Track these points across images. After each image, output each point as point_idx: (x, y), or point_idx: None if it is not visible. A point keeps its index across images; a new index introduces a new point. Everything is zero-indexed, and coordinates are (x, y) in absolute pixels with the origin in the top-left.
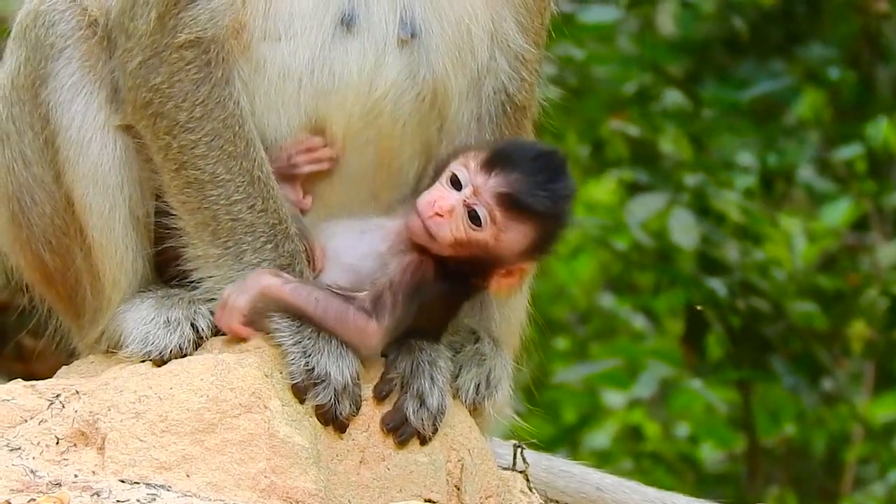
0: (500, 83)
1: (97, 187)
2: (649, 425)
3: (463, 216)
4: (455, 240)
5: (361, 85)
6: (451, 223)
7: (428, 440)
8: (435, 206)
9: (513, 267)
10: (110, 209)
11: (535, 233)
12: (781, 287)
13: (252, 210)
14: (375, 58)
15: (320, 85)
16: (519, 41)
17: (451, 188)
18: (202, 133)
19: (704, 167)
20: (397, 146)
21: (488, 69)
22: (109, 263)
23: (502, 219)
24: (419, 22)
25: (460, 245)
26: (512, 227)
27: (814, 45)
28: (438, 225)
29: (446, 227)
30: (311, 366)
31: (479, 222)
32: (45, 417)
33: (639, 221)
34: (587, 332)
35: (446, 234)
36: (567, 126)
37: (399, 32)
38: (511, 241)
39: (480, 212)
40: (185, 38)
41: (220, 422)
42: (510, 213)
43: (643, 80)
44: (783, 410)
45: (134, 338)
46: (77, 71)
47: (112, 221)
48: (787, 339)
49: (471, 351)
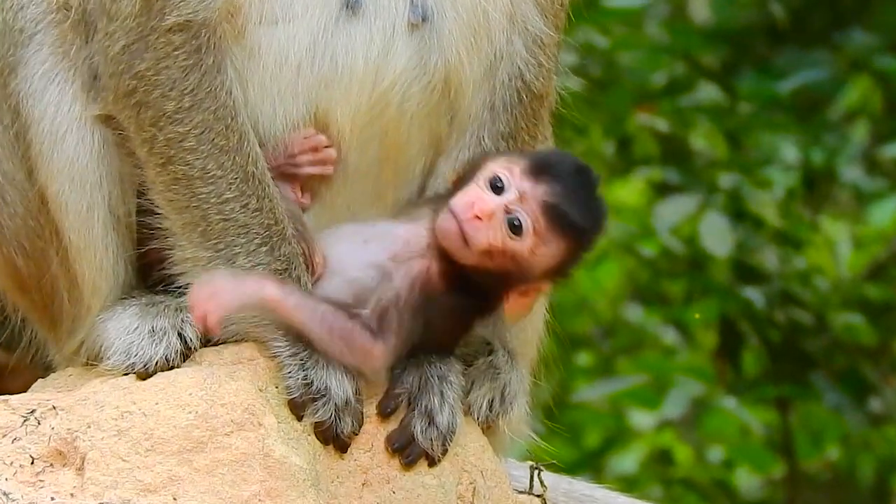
0: (517, 69)
1: (73, 184)
2: (680, 448)
3: (503, 222)
4: (490, 247)
5: (367, 74)
6: (489, 228)
7: (437, 461)
8: (475, 207)
9: (533, 286)
10: (88, 208)
11: (570, 250)
12: (824, 297)
13: (245, 209)
14: (383, 44)
15: (321, 73)
16: (538, 23)
17: (490, 191)
18: (191, 125)
19: (740, 166)
20: (404, 141)
21: (504, 54)
22: (88, 267)
23: (544, 230)
24: (431, 4)
25: (492, 254)
26: (551, 241)
27: (860, 31)
28: (476, 229)
29: (483, 233)
30: (310, 379)
31: (520, 231)
32: (20, 435)
33: (668, 226)
34: (612, 346)
35: (482, 239)
36: (590, 120)
37: (409, 16)
38: (546, 256)
39: (523, 220)
40: (174, 21)
41: (210, 440)
42: (554, 224)
43: (674, 70)
44: (826, 432)
45: (116, 349)
46: (49, 57)
47: (90, 221)
48: (830, 354)
49: (484, 364)
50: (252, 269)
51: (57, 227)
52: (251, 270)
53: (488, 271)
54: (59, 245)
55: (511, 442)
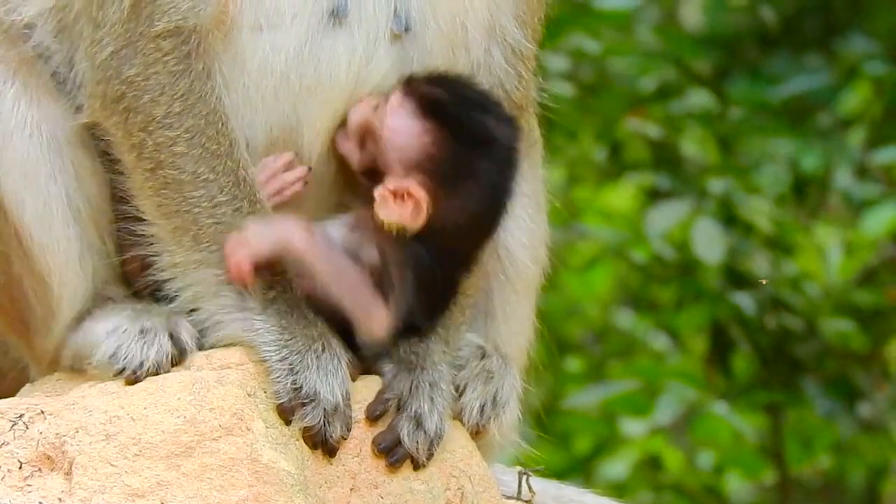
0: (497, 79)
1: (27, 180)
2: (670, 454)
3: (378, 105)
4: (360, 122)
5: (349, 83)
6: (364, 106)
7: (422, 465)
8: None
9: (402, 186)
10: (45, 203)
11: (429, 137)
12: (815, 303)
13: (238, 213)
14: (366, 53)
15: (304, 81)
16: (517, 35)
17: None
18: (181, 129)
19: (731, 172)
20: None
21: (483, 64)
22: (53, 261)
23: (396, 99)
24: (413, 15)
25: (363, 139)
26: (401, 114)
27: (855, 38)
28: (353, 108)
29: (359, 109)
30: (299, 384)
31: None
32: (7, 440)
33: (659, 231)
34: (603, 351)
35: (355, 115)
36: (581, 125)
37: (392, 26)
38: (396, 130)
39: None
40: (164, 27)
41: (198, 445)
42: (407, 96)
43: (665, 75)
44: (817, 438)
45: (104, 352)
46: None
47: (49, 216)
48: (821, 360)
49: (477, 367)
50: None
51: (16, 229)
52: None
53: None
54: (20, 245)
55: (501, 447)
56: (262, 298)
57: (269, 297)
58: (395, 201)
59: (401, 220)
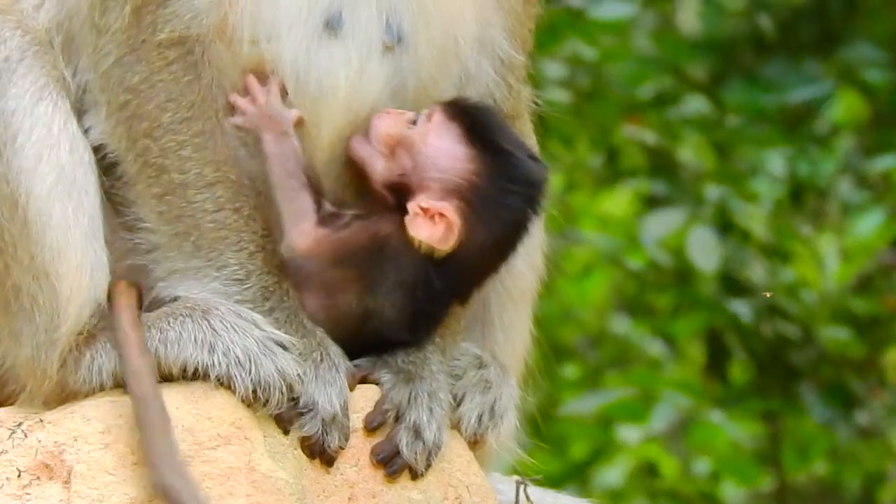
0: (487, 89)
1: (61, 187)
2: (666, 461)
3: (404, 119)
4: (388, 137)
5: (344, 93)
6: (391, 119)
7: (420, 475)
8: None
9: (434, 207)
10: (74, 211)
11: (468, 160)
12: (811, 310)
13: (239, 214)
14: (359, 64)
15: (300, 92)
16: (506, 47)
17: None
18: (189, 134)
19: (728, 178)
20: None
21: (473, 75)
22: (66, 266)
23: (438, 119)
24: (405, 26)
25: (391, 153)
26: (444, 134)
27: (852, 45)
28: (379, 118)
29: (384, 122)
30: (297, 394)
31: (415, 122)
32: (6, 448)
33: (655, 238)
34: (599, 358)
35: (381, 128)
36: (578, 132)
37: (384, 37)
38: (438, 149)
39: (422, 113)
40: (167, 36)
41: (196, 454)
42: (449, 118)
43: (661, 82)
44: (813, 445)
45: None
46: (40, 79)
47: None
48: (817, 367)
49: (475, 377)
50: (244, 278)
51: (29, 233)
52: (242, 280)
53: (392, 185)
54: (26, 251)
55: (499, 456)
56: (260, 309)
57: (266, 306)
58: (427, 220)
59: (430, 240)
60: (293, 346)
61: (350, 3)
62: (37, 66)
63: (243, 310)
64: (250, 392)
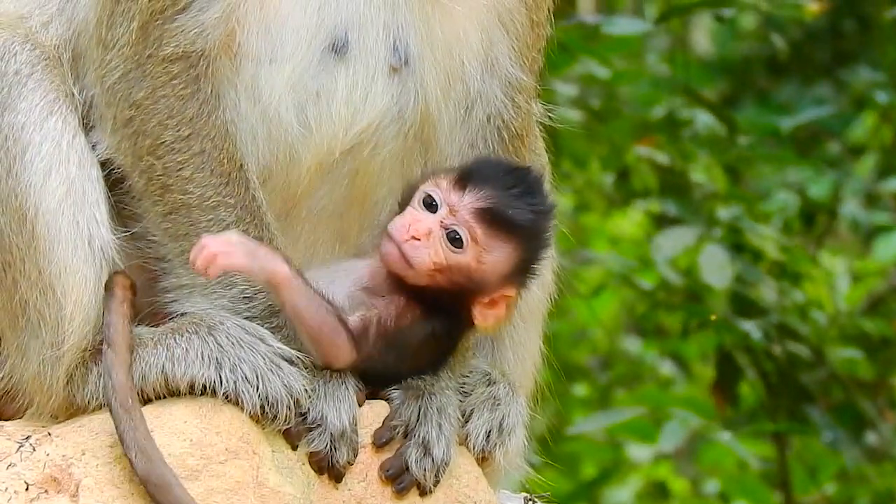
0: (495, 110)
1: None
2: (676, 481)
3: (442, 238)
4: (434, 265)
5: (347, 114)
6: (429, 247)
7: (428, 492)
8: (410, 229)
9: (496, 295)
10: (86, 223)
11: (518, 251)
12: (822, 331)
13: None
14: (365, 86)
15: (303, 113)
16: (511, 68)
17: (425, 210)
18: (189, 153)
19: (739, 199)
20: (374, 181)
21: (480, 96)
22: (72, 281)
23: (483, 237)
24: (412, 49)
25: (440, 271)
26: (494, 246)
27: (863, 67)
28: (415, 248)
29: (424, 251)
30: (305, 408)
31: (460, 243)
32: (14, 461)
33: (667, 257)
34: (609, 378)
35: (424, 259)
36: (590, 152)
37: (391, 60)
38: (494, 263)
39: (461, 231)
40: (172, 51)
41: (204, 468)
42: (491, 229)
43: (673, 102)
44: (823, 467)
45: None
46: (49, 93)
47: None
48: (827, 388)
49: (484, 394)
50: (251, 296)
51: (36, 245)
52: (250, 298)
53: (444, 289)
54: (34, 265)
55: (507, 473)
56: (268, 325)
57: (273, 324)
58: (491, 308)
59: (497, 321)
60: (300, 360)
61: (356, 25)
62: (46, 80)
63: (250, 325)
64: (258, 408)
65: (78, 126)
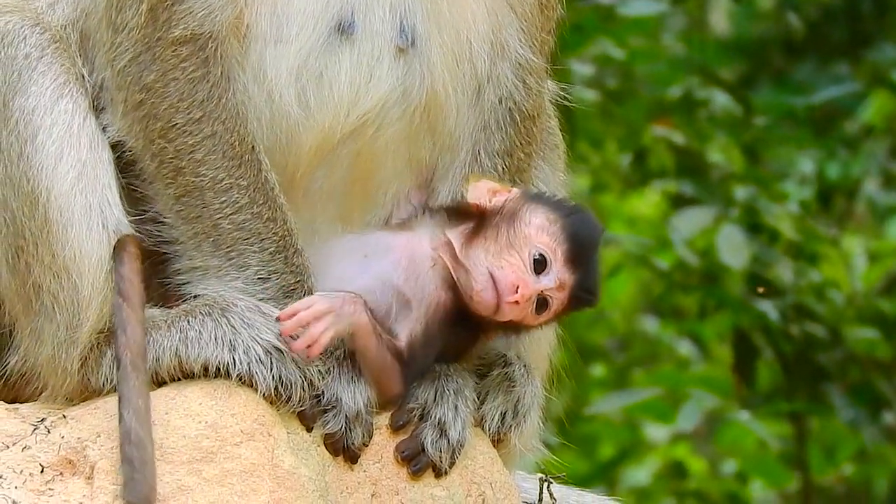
0: (506, 91)
1: (83, 182)
2: (694, 461)
3: (534, 301)
4: (530, 295)
5: (351, 95)
6: (523, 309)
7: (444, 473)
8: (519, 292)
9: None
10: (98, 205)
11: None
12: (839, 311)
13: (258, 218)
14: (370, 67)
15: (308, 93)
16: (521, 50)
17: (533, 272)
18: (201, 135)
19: (756, 179)
20: (378, 162)
21: (489, 78)
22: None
23: (561, 310)
24: (419, 29)
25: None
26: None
27: (882, 46)
28: (512, 308)
29: (517, 311)
30: (319, 389)
31: (545, 311)
32: (30, 443)
33: (684, 238)
34: (627, 358)
35: (514, 315)
36: (606, 132)
37: (398, 40)
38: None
39: (552, 304)
40: (181, 33)
41: (219, 450)
42: (570, 307)
43: (690, 82)
44: (841, 446)
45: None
46: (60, 76)
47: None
48: (845, 368)
49: (499, 376)
50: (267, 277)
51: (50, 230)
52: (264, 279)
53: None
54: (48, 249)
55: (522, 455)
56: (282, 307)
57: (287, 305)
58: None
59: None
60: None
61: (363, 5)
62: (56, 63)
63: (263, 305)
64: (272, 389)
65: (88, 108)
